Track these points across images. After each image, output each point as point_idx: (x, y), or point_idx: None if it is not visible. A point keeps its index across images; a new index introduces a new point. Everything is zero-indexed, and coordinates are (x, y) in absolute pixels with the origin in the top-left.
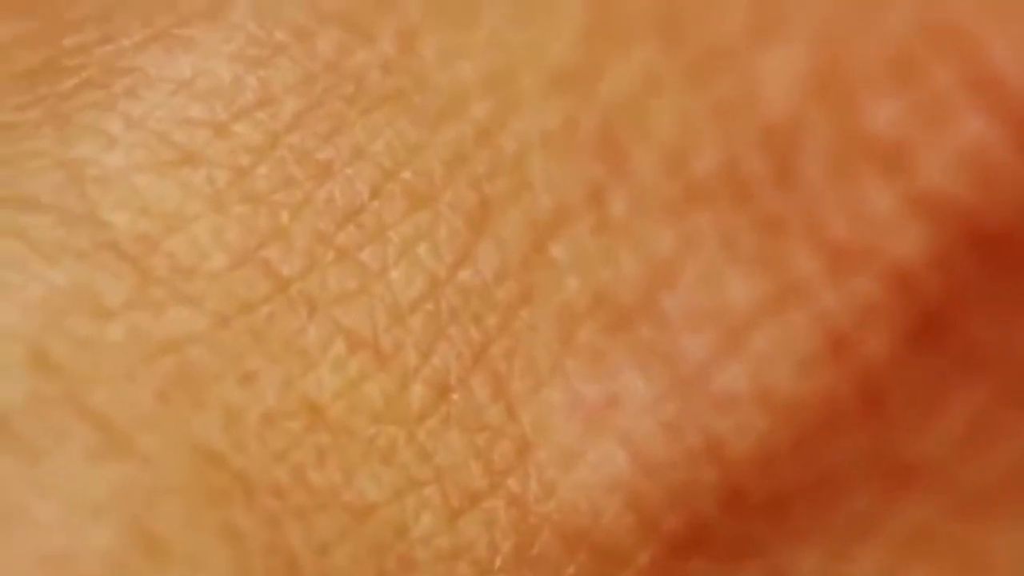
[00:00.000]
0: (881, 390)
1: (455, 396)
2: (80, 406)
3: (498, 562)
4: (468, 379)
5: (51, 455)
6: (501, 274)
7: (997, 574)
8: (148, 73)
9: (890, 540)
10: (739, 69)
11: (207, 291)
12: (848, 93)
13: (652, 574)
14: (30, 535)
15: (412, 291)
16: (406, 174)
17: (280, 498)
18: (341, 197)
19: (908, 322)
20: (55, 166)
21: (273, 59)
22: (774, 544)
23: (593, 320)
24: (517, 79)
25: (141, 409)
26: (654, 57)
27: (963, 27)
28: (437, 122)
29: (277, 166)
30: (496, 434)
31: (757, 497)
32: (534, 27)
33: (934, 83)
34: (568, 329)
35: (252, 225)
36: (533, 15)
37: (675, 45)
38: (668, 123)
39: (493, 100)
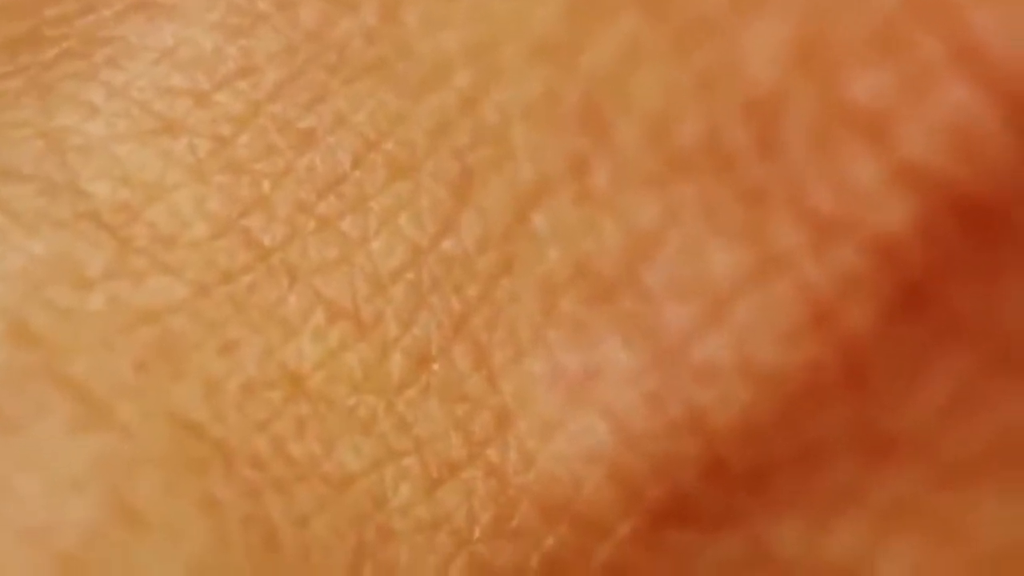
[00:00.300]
0: (864, 361)
1: (435, 366)
2: (60, 377)
3: (477, 532)
4: (449, 349)
5: (30, 426)
6: (483, 244)
7: (980, 546)
8: (129, 42)
9: (872, 511)
10: (722, 40)
11: (187, 260)
12: (832, 64)
13: (633, 545)
14: (10, 507)
15: (393, 261)
16: (388, 144)
17: (259, 469)
18: (323, 167)
19: (891, 293)
20: (36, 135)
21: (255, 28)
22: (756, 515)
23: (575, 291)
24: (500, 49)
25: (121, 379)
26: (637, 28)
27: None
28: (419, 92)
29: (259, 135)
30: (476, 404)
31: (739, 468)
32: None
33: (918, 54)
34: (550, 300)
35: (233, 194)
36: None
37: (658, 16)
38: (651, 94)
39: (476, 70)
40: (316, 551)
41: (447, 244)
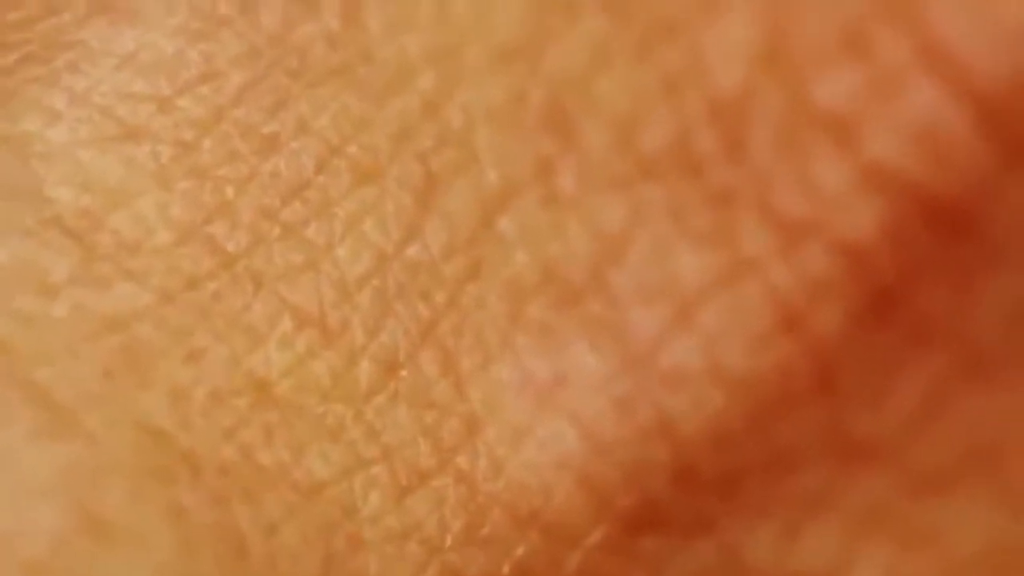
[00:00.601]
0: (834, 365)
1: (403, 373)
2: (24, 384)
3: (448, 541)
4: (416, 356)
5: None
6: (448, 249)
7: (952, 552)
8: (91, 47)
9: (844, 517)
10: (688, 42)
11: (152, 267)
12: (798, 66)
13: (603, 552)
14: None
15: (359, 267)
16: (352, 148)
17: (227, 477)
18: (286, 172)
19: (860, 296)
20: None
21: (217, 32)
22: (727, 520)
23: (542, 296)
24: (463, 52)
25: (86, 387)
26: (601, 30)
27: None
28: (383, 96)
29: (222, 141)
30: (445, 411)
31: (710, 474)
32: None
33: (885, 56)
34: (517, 305)
35: (197, 201)
36: None
37: (622, 18)
38: (617, 97)
39: (439, 74)
40: (284, 559)
41: (413, 250)
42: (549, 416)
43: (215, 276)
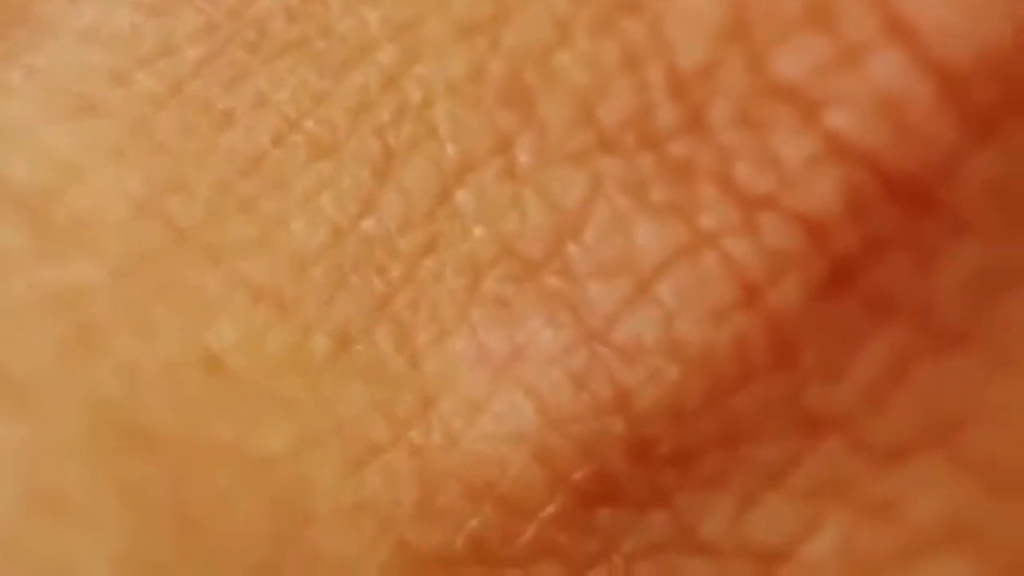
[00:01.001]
0: (793, 339)
1: (358, 347)
2: None
3: (401, 515)
4: (371, 330)
5: None
6: (405, 224)
7: (910, 522)
8: (50, 22)
9: (802, 489)
10: (649, 16)
11: (107, 242)
12: (760, 39)
13: (558, 525)
14: None
15: (314, 241)
16: (309, 123)
17: (180, 452)
18: (243, 146)
19: (820, 269)
20: None
21: (174, 6)
22: (683, 494)
23: (499, 270)
24: (423, 26)
25: (40, 363)
26: (562, 4)
27: None
28: (341, 70)
29: (179, 115)
30: (399, 385)
31: (666, 447)
32: None
33: (848, 30)
34: (473, 279)
35: (153, 175)
36: None
37: None
38: (576, 71)
39: (398, 47)
40: (236, 535)
41: (369, 224)
42: (505, 390)
43: (170, 251)
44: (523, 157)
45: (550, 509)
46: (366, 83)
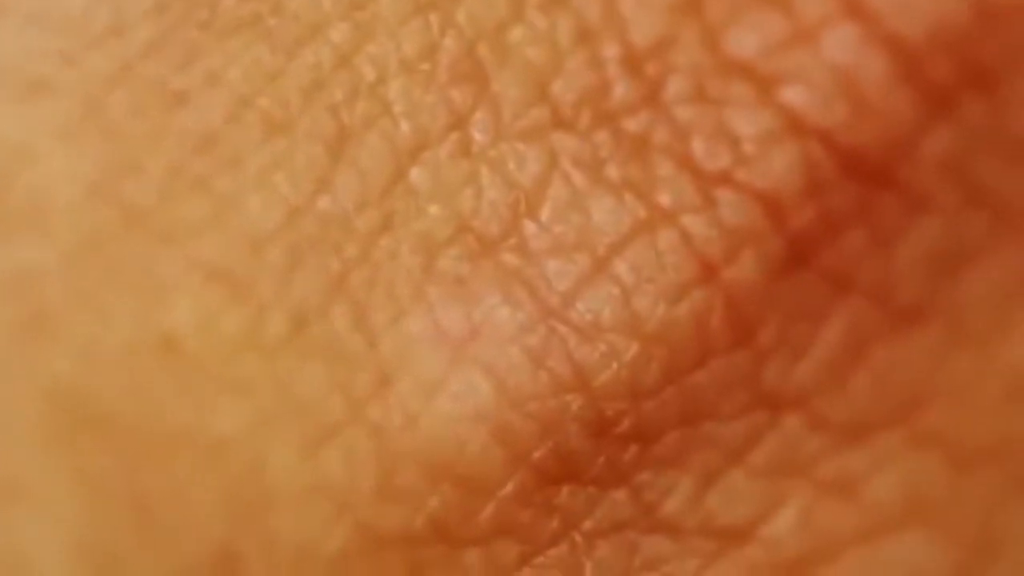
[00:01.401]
0: (751, 315)
1: (314, 327)
2: None
3: (360, 495)
4: (327, 309)
5: None
6: (360, 202)
7: (869, 499)
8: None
9: (762, 467)
10: None
11: (59, 225)
12: (716, 16)
13: (517, 504)
14: None
15: (269, 221)
16: (262, 101)
17: (135, 436)
18: (196, 126)
19: (778, 246)
20: None
21: None
22: (643, 472)
23: (455, 248)
24: (375, 3)
25: None
26: None
27: None
28: (294, 48)
29: (131, 95)
30: (356, 365)
31: (626, 425)
32: None
33: (804, 6)
34: (430, 257)
35: (105, 157)
36: None
37: None
38: (530, 47)
39: (351, 25)
40: (195, 520)
41: (324, 203)
42: (462, 368)
43: (123, 232)
44: (478, 134)
45: (509, 487)
46: (319, 61)
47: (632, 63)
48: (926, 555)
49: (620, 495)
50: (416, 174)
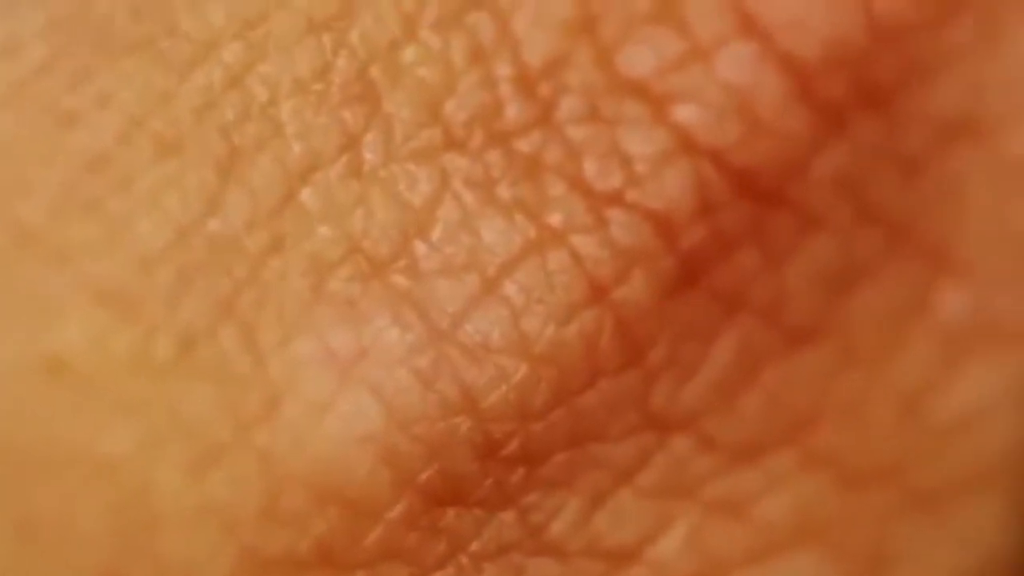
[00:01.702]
0: (642, 336)
1: (203, 348)
2: None
3: (246, 518)
4: (216, 330)
5: None
6: (251, 223)
7: (758, 519)
8: None
9: (651, 490)
10: (495, 10)
11: None
12: (609, 35)
13: (404, 527)
14: None
15: (159, 241)
16: (154, 122)
17: (23, 456)
18: (87, 146)
19: (669, 267)
20: None
21: (16, 5)
22: (532, 494)
23: (345, 269)
24: (268, 23)
25: None
26: (409, 2)
27: None
28: (186, 69)
29: (22, 115)
30: (244, 387)
31: (514, 447)
32: None
33: (697, 26)
34: (319, 279)
35: None
36: None
37: None
38: (423, 67)
39: (243, 45)
40: (80, 542)
41: (214, 223)
42: (351, 390)
43: (13, 252)
44: (369, 155)
45: (397, 510)
46: (211, 82)
47: (525, 83)
48: (817, 575)
49: (507, 517)
50: (307, 195)
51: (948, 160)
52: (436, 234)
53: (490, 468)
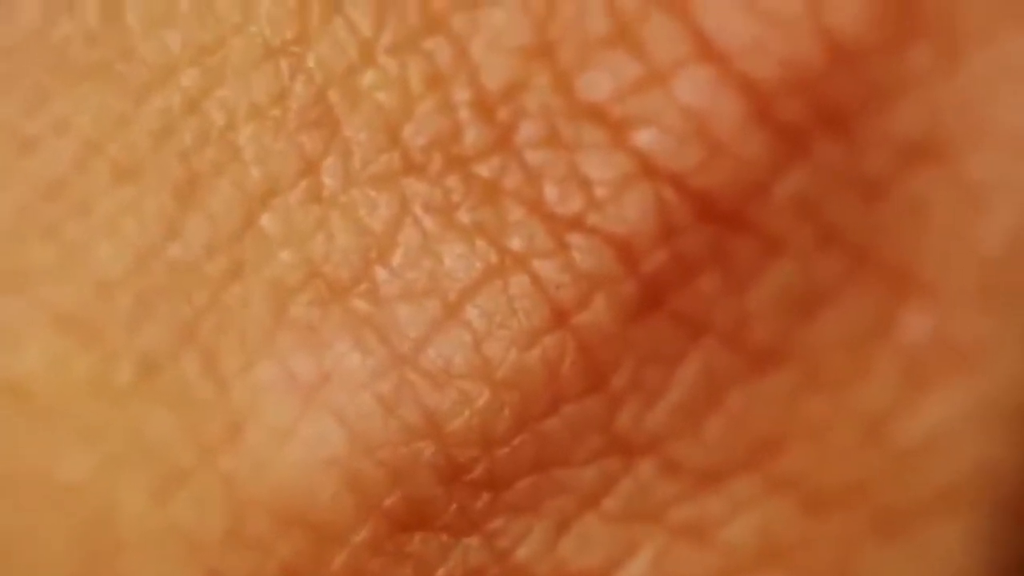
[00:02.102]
0: (604, 360)
1: (164, 373)
2: None
3: (209, 543)
4: (177, 356)
5: None
6: (210, 248)
7: (724, 543)
8: None
9: (617, 514)
10: (453, 36)
11: None
12: (567, 60)
13: (370, 552)
14: None
15: (118, 267)
16: (111, 147)
17: None
18: (45, 171)
19: (631, 291)
20: None
21: None
22: (497, 518)
23: (306, 294)
24: (225, 48)
25: None
26: (365, 24)
27: None
28: (143, 94)
29: None
30: (207, 412)
31: (478, 472)
32: None
33: (655, 50)
34: (280, 304)
35: None
36: None
37: (387, 14)
38: (381, 92)
39: (200, 71)
40: (43, 565)
41: (174, 249)
42: (313, 415)
43: None
44: (329, 180)
45: (361, 535)
46: (168, 106)
47: (484, 107)
48: None
49: (473, 542)
50: (267, 220)
51: (909, 182)
52: (397, 259)
53: (455, 493)
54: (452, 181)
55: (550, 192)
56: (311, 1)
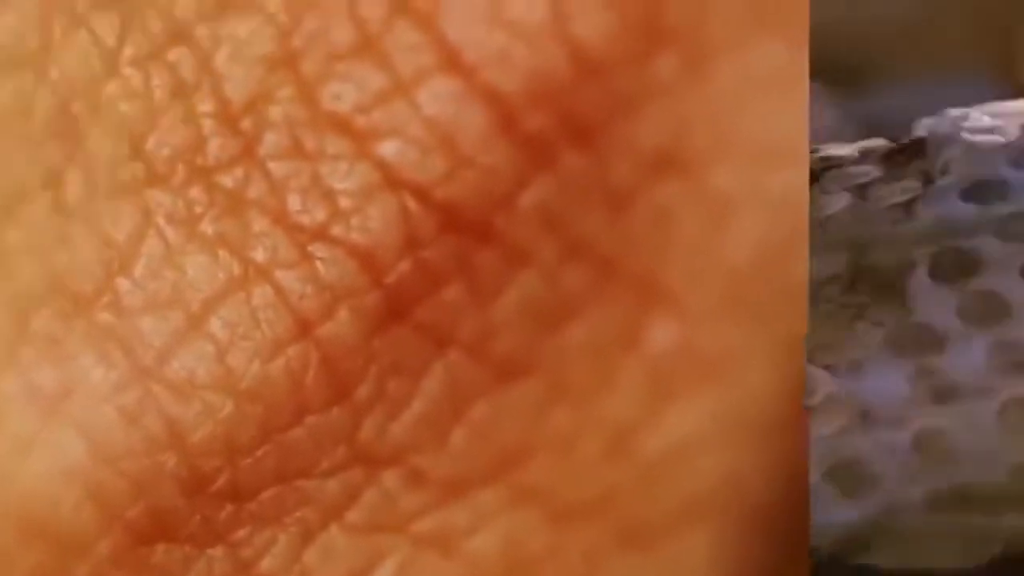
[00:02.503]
0: (348, 371)
1: None
2: None
3: None
4: None
5: None
6: None
7: (466, 552)
8: None
9: (361, 526)
10: (197, 47)
11: None
12: (311, 71)
13: (113, 564)
14: None
15: None
16: None
17: None
18: None
19: (374, 302)
20: None
21: None
22: (241, 530)
23: (48, 307)
24: None
25: None
26: (108, 35)
27: (419, 5)
28: None
29: None
30: None
31: (221, 483)
32: None
33: (400, 61)
34: (22, 317)
35: None
36: None
37: (131, 24)
38: (124, 103)
39: None
40: None
41: None
42: (56, 427)
43: None
44: (72, 191)
45: (104, 547)
46: None
47: (227, 118)
48: None
49: (217, 553)
50: (10, 232)
51: (654, 193)
52: (139, 270)
53: (198, 504)
54: (195, 192)
55: (294, 203)
56: (54, 12)
